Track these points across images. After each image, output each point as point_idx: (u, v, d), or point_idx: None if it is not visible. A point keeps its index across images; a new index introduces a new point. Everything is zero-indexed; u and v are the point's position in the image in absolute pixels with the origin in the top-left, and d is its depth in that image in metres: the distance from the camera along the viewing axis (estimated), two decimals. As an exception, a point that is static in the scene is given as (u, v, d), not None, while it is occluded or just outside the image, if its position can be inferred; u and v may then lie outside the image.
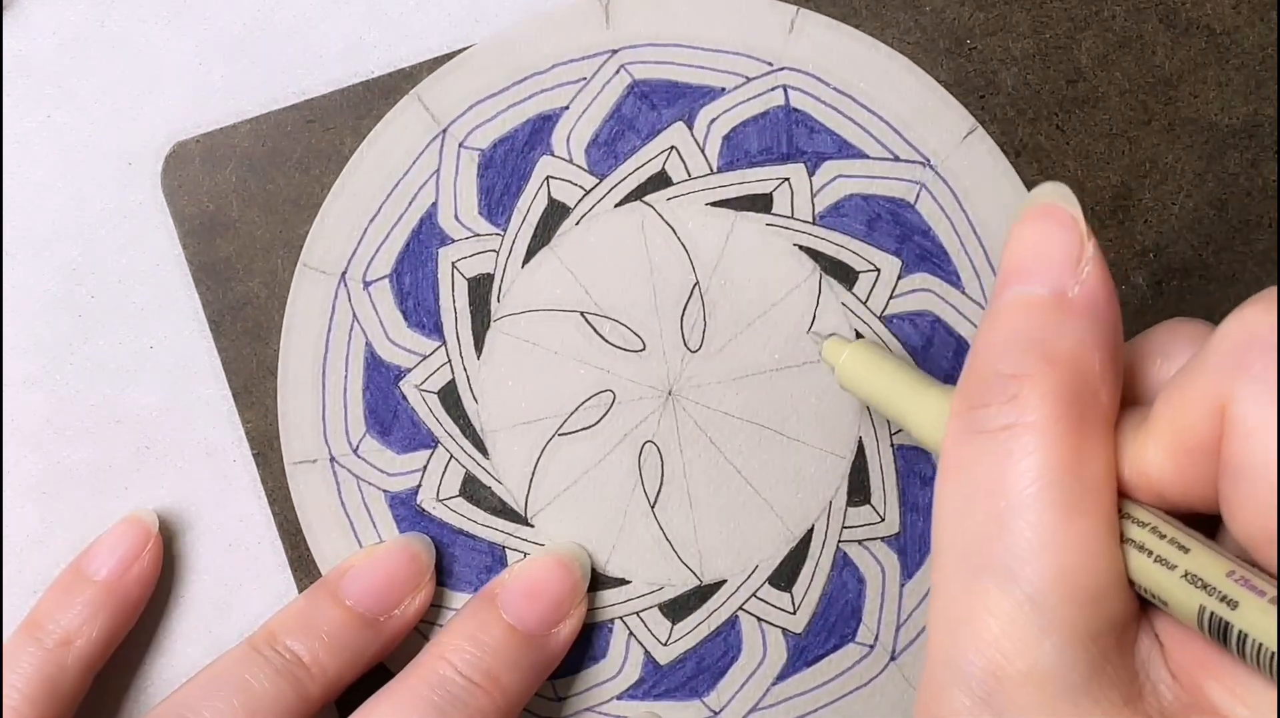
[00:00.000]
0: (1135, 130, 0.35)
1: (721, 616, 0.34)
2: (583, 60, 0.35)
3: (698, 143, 0.35)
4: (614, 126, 0.35)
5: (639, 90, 0.35)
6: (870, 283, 0.34)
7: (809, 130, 0.35)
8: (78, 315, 0.35)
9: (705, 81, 0.35)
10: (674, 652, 0.34)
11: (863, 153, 0.34)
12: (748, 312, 0.34)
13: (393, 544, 0.34)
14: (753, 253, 0.34)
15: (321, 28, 0.36)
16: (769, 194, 0.35)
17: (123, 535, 0.33)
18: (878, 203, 0.34)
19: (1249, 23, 0.35)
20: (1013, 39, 0.35)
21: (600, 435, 0.34)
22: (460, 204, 0.35)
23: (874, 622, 0.34)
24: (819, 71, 0.35)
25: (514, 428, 0.34)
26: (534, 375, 0.34)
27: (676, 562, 0.34)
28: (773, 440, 0.34)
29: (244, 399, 0.35)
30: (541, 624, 0.32)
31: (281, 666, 0.31)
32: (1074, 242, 0.24)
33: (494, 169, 0.35)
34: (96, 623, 0.32)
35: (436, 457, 0.34)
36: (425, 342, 0.35)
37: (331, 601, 0.32)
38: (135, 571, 0.33)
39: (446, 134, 0.35)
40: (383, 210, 0.35)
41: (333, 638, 0.32)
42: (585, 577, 0.33)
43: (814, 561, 0.34)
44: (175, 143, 0.35)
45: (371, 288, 0.35)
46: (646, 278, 0.35)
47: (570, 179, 0.35)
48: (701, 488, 0.34)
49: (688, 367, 0.34)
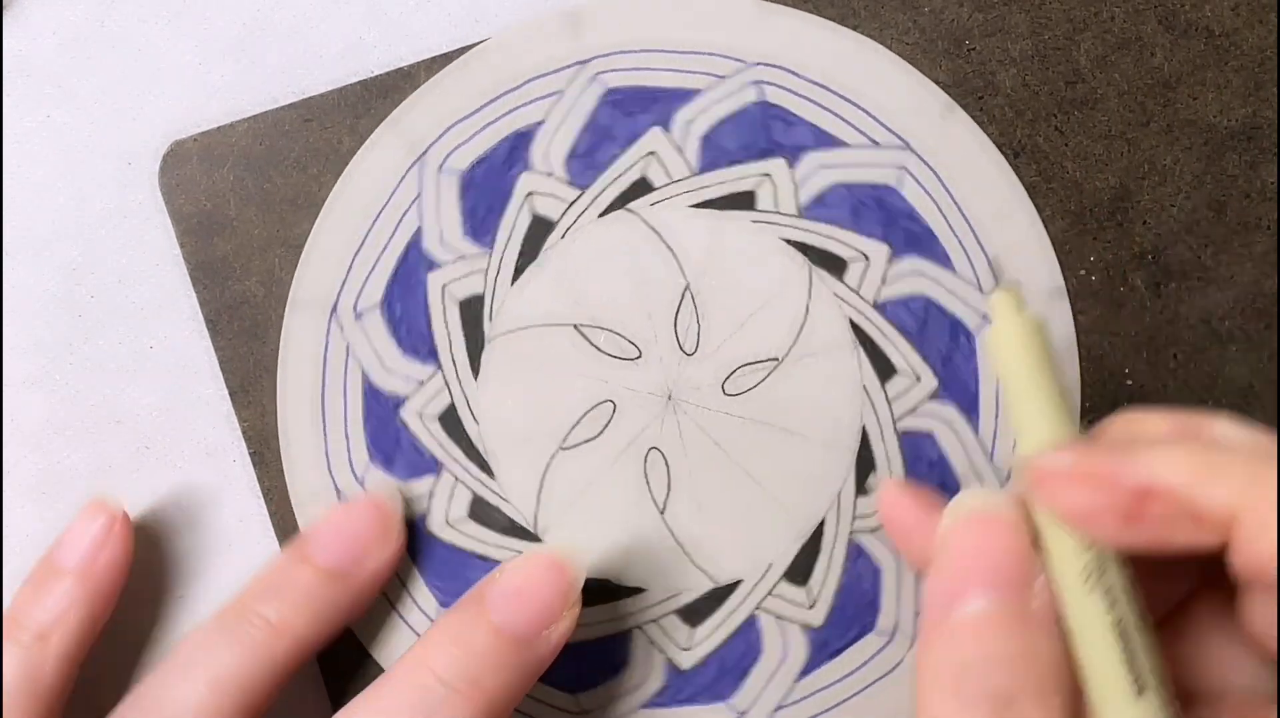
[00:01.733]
0: (1134, 132, 0.34)
1: (740, 616, 0.34)
2: (555, 74, 0.35)
3: (676, 146, 0.35)
4: (591, 137, 0.35)
5: (613, 98, 0.35)
6: (860, 271, 0.34)
7: (785, 124, 0.35)
8: (78, 315, 0.35)
9: (679, 84, 0.35)
10: (696, 656, 0.34)
11: (842, 142, 0.34)
12: (740, 311, 0.34)
13: (358, 497, 0.33)
14: (740, 251, 0.34)
15: (321, 28, 0.36)
16: (752, 191, 0.34)
17: (87, 522, 0.33)
18: (861, 190, 0.34)
19: (1248, 25, 0.34)
20: (1011, 40, 0.35)
21: (604, 446, 0.34)
22: (445, 227, 0.35)
23: (893, 610, 0.34)
24: (790, 64, 0.35)
25: (517, 446, 0.34)
26: (532, 392, 0.34)
27: (690, 566, 0.34)
28: (776, 437, 0.34)
29: (241, 398, 0.35)
30: (530, 627, 0.30)
31: (246, 634, 0.31)
32: (1024, 552, 0.25)
33: (475, 190, 0.35)
34: (72, 614, 0.32)
35: (442, 482, 0.34)
36: (421, 368, 0.34)
37: (299, 559, 0.32)
38: (105, 555, 0.32)
39: (424, 159, 0.35)
40: (367, 241, 0.35)
41: (300, 597, 0.31)
42: (579, 577, 0.31)
43: (828, 554, 0.34)
44: (173, 142, 0.35)
45: (363, 318, 0.34)
46: (636, 285, 0.34)
47: (552, 193, 0.35)
48: (709, 490, 0.34)
49: (685, 370, 0.34)
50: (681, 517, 0.34)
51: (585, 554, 0.34)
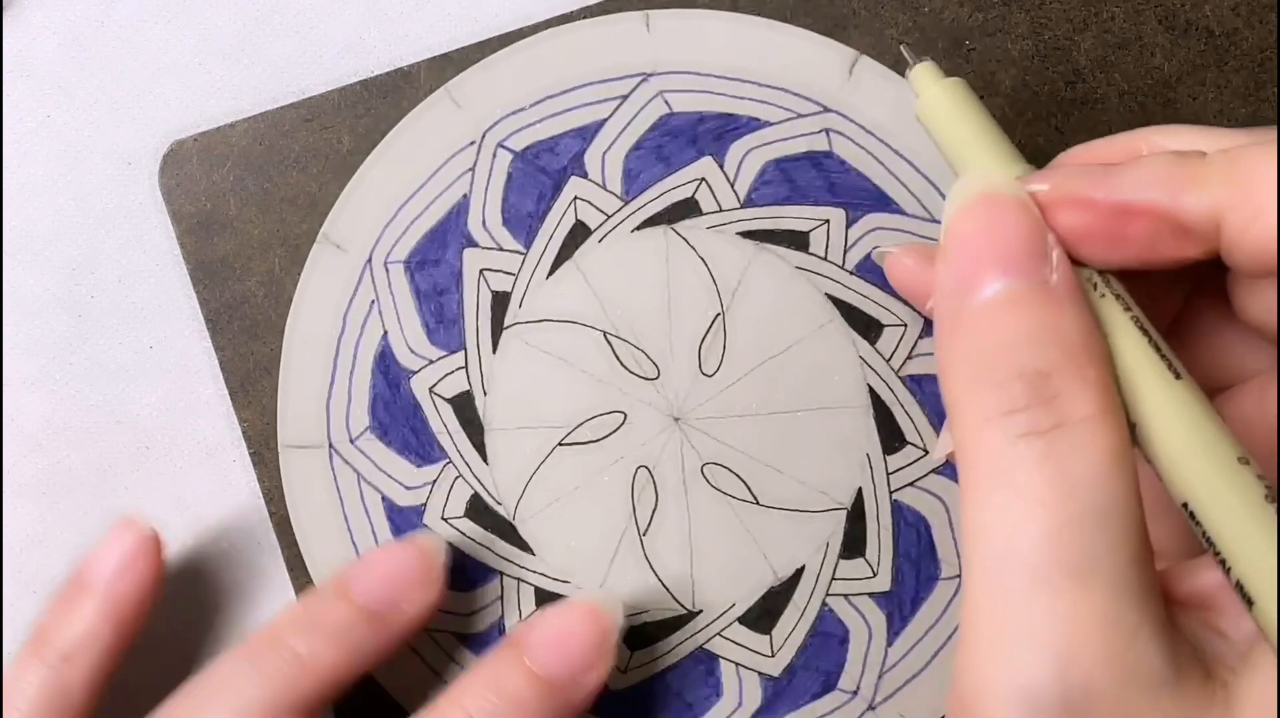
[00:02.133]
0: (1134, 132, 0.34)
1: (685, 649, 0.34)
2: (621, 80, 0.35)
3: (728, 175, 0.34)
4: (646, 150, 0.35)
5: (674, 115, 0.35)
6: (895, 338, 0.34)
7: (849, 176, 0.34)
8: (78, 315, 0.35)
9: (748, 113, 0.34)
10: (630, 679, 0.34)
11: (900, 208, 0.34)
12: (764, 349, 0.34)
13: (402, 541, 0.33)
14: (777, 290, 0.34)
15: (321, 28, 0.36)
16: (806, 233, 0.34)
17: (117, 541, 0.32)
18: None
19: (1248, 25, 0.34)
20: (1011, 40, 0.35)
21: (600, 453, 0.34)
22: (488, 211, 0.35)
23: (856, 674, 0.34)
24: (867, 122, 0.34)
25: (518, 430, 0.34)
26: (548, 382, 0.34)
27: (659, 588, 0.34)
28: (771, 478, 0.34)
29: (240, 398, 0.35)
30: (566, 673, 0.30)
31: (273, 668, 0.31)
32: (1035, 227, 0.24)
33: (523, 180, 0.35)
34: (98, 635, 0.31)
35: (445, 473, 0.34)
36: (444, 336, 0.34)
37: (336, 595, 0.32)
38: (134, 575, 0.32)
39: (485, 137, 0.35)
40: (414, 198, 0.34)
41: (334, 633, 0.31)
42: (616, 626, 0.32)
43: (799, 609, 0.34)
44: (173, 142, 0.35)
45: (391, 270, 0.34)
46: (668, 303, 0.34)
47: (598, 199, 0.35)
48: (694, 518, 0.34)
49: (697, 396, 0.34)
50: (659, 539, 0.34)
51: (620, 604, 0.33)
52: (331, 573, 0.33)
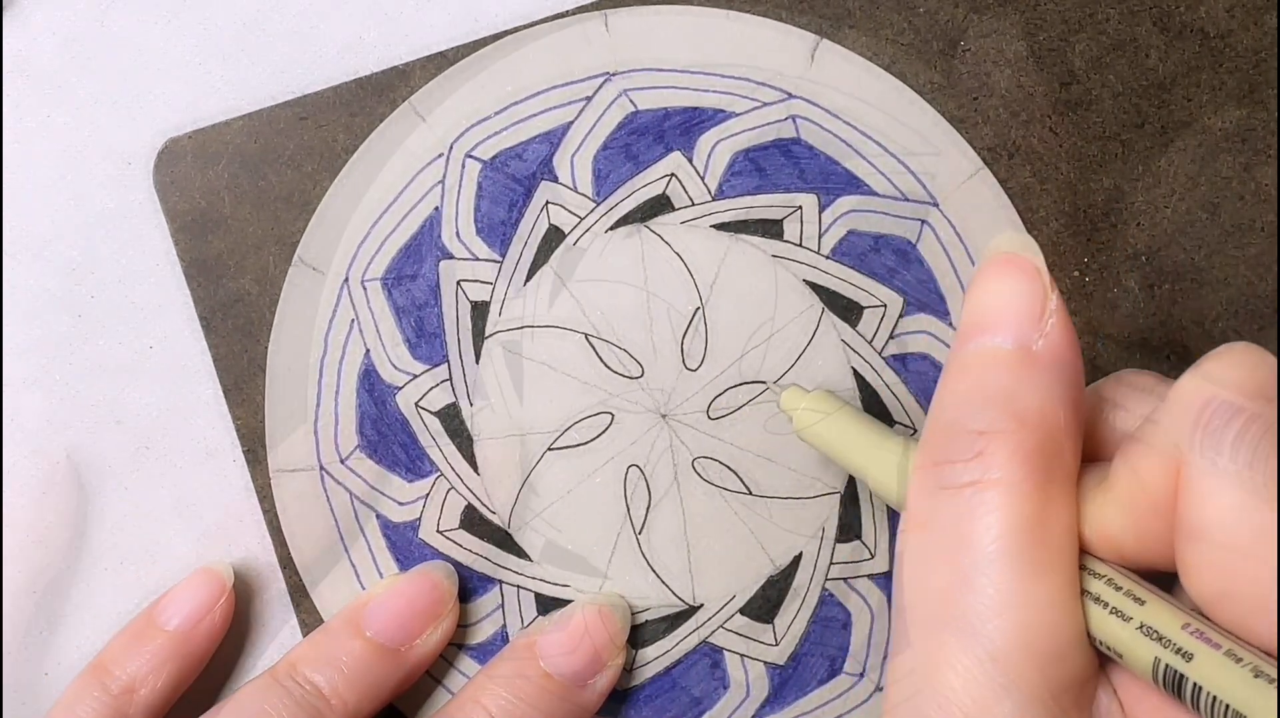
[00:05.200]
0: (1128, 133, 0.34)
1: (689, 643, 0.34)
2: (584, 81, 0.35)
3: (697, 169, 0.34)
4: (613, 151, 0.35)
5: (639, 114, 0.35)
6: (876, 319, 0.34)
7: (818, 161, 0.34)
8: (78, 315, 0.35)
9: (713, 105, 0.35)
10: (636, 677, 0.34)
11: (871, 189, 0.34)
12: (746, 339, 0.34)
13: (414, 573, 0.33)
14: (755, 280, 0.34)
15: (321, 28, 0.36)
16: (779, 221, 0.34)
17: (197, 587, 0.33)
18: (884, 240, 0.34)
19: (1243, 26, 0.34)
20: (1006, 41, 0.35)
21: (590, 455, 0.34)
22: (461, 222, 0.35)
23: (861, 656, 0.34)
24: (833, 105, 0.34)
25: (506, 438, 0.34)
26: (534, 388, 0.34)
27: (659, 585, 0.34)
28: (763, 468, 0.34)
29: (234, 397, 0.35)
30: (579, 675, 0.32)
31: (301, 697, 0.31)
32: (1037, 293, 0.24)
33: (494, 189, 0.35)
34: (163, 673, 0.32)
35: (437, 487, 0.34)
36: (426, 350, 0.34)
37: (352, 631, 0.32)
38: (206, 623, 0.33)
39: (453, 148, 0.35)
40: (386, 215, 0.35)
41: (352, 669, 0.32)
42: (625, 628, 0.33)
43: (799, 596, 0.34)
44: (167, 139, 0.35)
45: (369, 288, 0.35)
46: (645, 302, 0.34)
47: (570, 202, 0.35)
48: (689, 513, 0.34)
49: (682, 390, 0.34)
50: (656, 535, 0.34)
51: (627, 605, 0.34)
52: (342, 604, 0.34)
